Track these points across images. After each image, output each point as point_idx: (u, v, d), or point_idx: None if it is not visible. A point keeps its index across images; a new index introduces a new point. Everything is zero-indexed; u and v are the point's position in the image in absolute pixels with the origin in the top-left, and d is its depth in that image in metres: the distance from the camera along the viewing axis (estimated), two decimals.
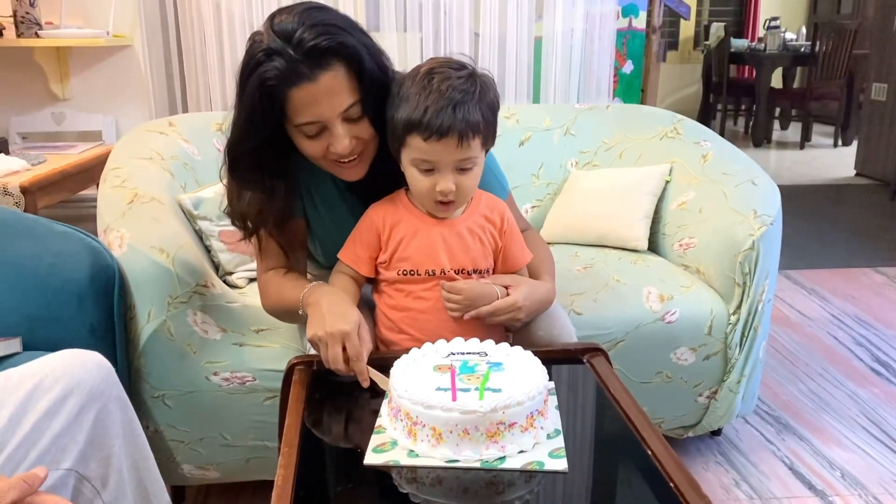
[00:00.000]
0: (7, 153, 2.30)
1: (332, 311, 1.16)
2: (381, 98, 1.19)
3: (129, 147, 1.85)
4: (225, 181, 1.29)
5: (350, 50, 1.13)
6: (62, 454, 1.03)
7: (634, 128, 2.25)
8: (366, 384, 1.11)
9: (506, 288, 1.25)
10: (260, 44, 1.12)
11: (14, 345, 1.35)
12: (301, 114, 1.14)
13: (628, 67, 3.77)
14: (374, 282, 1.31)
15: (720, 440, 2.00)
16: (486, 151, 1.22)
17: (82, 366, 1.07)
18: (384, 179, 1.27)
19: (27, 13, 2.57)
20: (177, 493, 1.70)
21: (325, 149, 1.18)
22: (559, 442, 0.99)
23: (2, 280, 1.42)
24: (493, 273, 1.30)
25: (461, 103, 1.13)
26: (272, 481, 0.92)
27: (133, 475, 1.12)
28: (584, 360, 1.24)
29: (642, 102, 3.71)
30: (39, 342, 1.38)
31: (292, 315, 1.30)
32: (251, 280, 1.85)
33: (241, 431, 1.56)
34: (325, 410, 1.16)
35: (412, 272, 1.24)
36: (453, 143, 1.13)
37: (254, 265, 1.85)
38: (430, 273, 1.24)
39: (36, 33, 2.56)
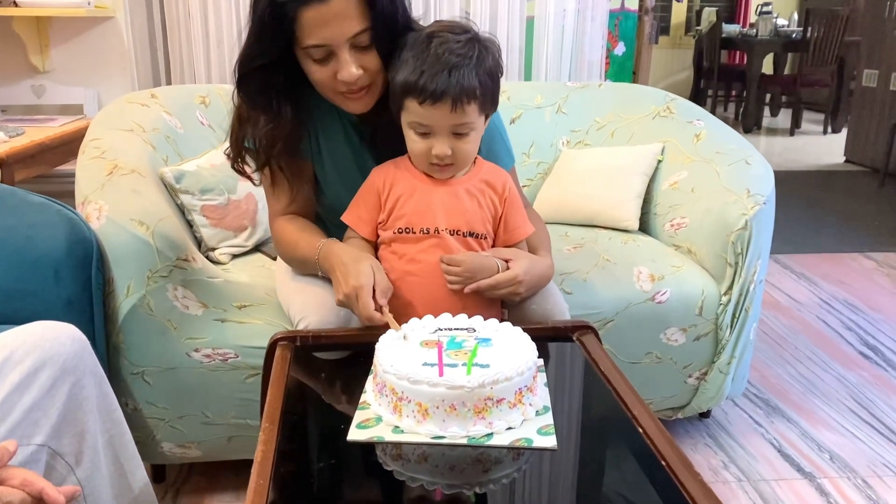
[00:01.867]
0: None
1: (346, 272, 1.17)
2: (392, 33, 1.18)
3: (109, 118, 1.80)
4: (235, 101, 1.28)
5: None
6: (34, 429, 0.99)
7: (627, 107, 2.22)
8: (397, 329, 1.08)
9: (506, 262, 1.23)
10: None
11: None
12: (310, 35, 1.14)
13: (620, 49, 3.74)
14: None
15: (709, 422, 1.99)
16: (487, 117, 1.21)
17: (55, 339, 1.03)
18: (389, 121, 1.25)
19: None
20: (157, 471, 1.67)
21: (333, 76, 1.18)
22: (548, 419, 0.97)
23: None
24: (494, 243, 1.28)
25: (456, 67, 1.12)
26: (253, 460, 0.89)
27: (109, 452, 1.09)
28: (574, 338, 1.22)
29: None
30: (13, 316, 1.34)
31: (305, 265, 1.32)
32: (234, 256, 1.81)
33: (222, 409, 1.52)
34: (308, 387, 1.13)
35: (407, 230, 1.23)
36: (447, 107, 1.13)
37: (238, 240, 1.82)
38: (425, 231, 1.22)
39: (14, 2, 2.49)
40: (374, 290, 1.14)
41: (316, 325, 1.24)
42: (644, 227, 2.03)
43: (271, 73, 1.21)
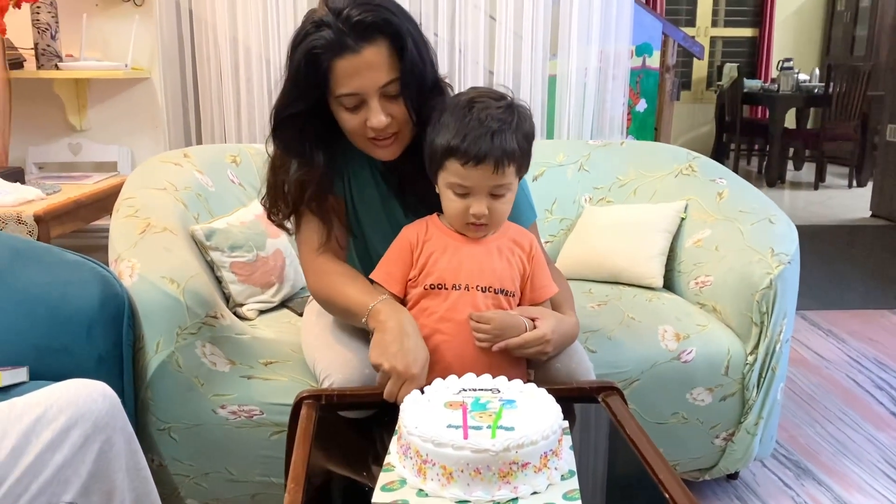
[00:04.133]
0: (23, 182, 2.31)
1: (405, 345, 1.16)
2: (420, 86, 1.25)
3: (143, 177, 1.85)
4: (270, 150, 1.34)
5: (393, 28, 1.21)
6: (64, 487, 1.01)
7: (649, 165, 2.24)
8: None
9: (533, 320, 1.24)
10: (311, 17, 1.21)
11: (21, 374, 1.34)
12: (343, 84, 1.21)
13: (642, 106, 3.78)
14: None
15: (737, 484, 1.95)
16: (520, 178, 1.26)
17: (87, 396, 1.06)
18: (415, 170, 1.30)
19: (48, 45, 2.61)
20: None
21: (363, 123, 1.24)
22: (573, 483, 0.96)
23: (11, 308, 1.41)
24: (521, 301, 1.29)
25: (499, 132, 1.17)
26: None
27: None
28: (600, 399, 1.21)
29: (656, 141, 3.71)
30: (46, 371, 1.37)
31: (347, 316, 1.30)
32: (261, 312, 1.84)
33: (247, 467, 1.53)
34: (333, 446, 1.14)
35: (439, 286, 1.25)
36: (489, 169, 1.17)
37: (265, 296, 1.84)
38: (456, 287, 1.24)
39: (56, 65, 2.60)
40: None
41: (341, 384, 1.25)
42: (668, 284, 2.03)
43: (305, 121, 1.28)
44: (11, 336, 1.40)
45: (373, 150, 1.29)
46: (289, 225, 1.41)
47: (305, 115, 1.26)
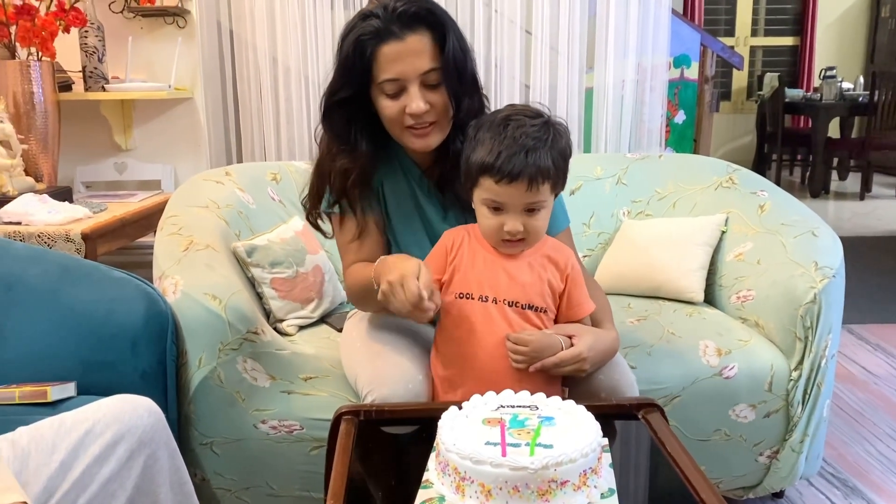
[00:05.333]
0: (71, 201, 2.38)
1: (393, 265, 1.20)
2: (460, 79, 1.31)
3: (185, 195, 1.89)
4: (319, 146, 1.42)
5: (437, 19, 1.29)
6: (110, 501, 1.03)
7: (688, 177, 2.22)
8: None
9: (570, 338, 1.24)
10: (360, 11, 1.31)
11: (69, 389, 1.37)
12: (385, 69, 1.28)
13: (680, 118, 3.75)
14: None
15: (782, 503, 1.90)
16: (556, 195, 1.26)
17: (133, 412, 1.08)
18: (451, 173, 1.35)
19: (95, 68, 2.69)
20: None
21: (402, 111, 1.30)
22: (613, 502, 0.95)
23: (59, 325, 1.45)
24: (557, 318, 1.29)
25: (533, 150, 1.18)
26: None
27: None
28: (640, 416, 1.20)
29: (695, 153, 3.68)
30: (93, 386, 1.40)
31: (370, 295, 1.28)
32: (301, 327, 1.86)
33: (287, 481, 1.54)
34: (372, 461, 1.14)
35: (467, 295, 1.26)
36: (523, 186, 1.18)
37: (304, 312, 1.87)
38: (484, 299, 1.25)
39: (103, 87, 2.68)
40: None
41: (383, 399, 1.26)
42: (709, 299, 2.00)
43: (352, 109, 1.34)
44: (60, 352, 1.44)
45: (410, 139, 1.34)
46: (323, 226, 1.47)
47: (352, 102, 1.33)
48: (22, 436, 1.02)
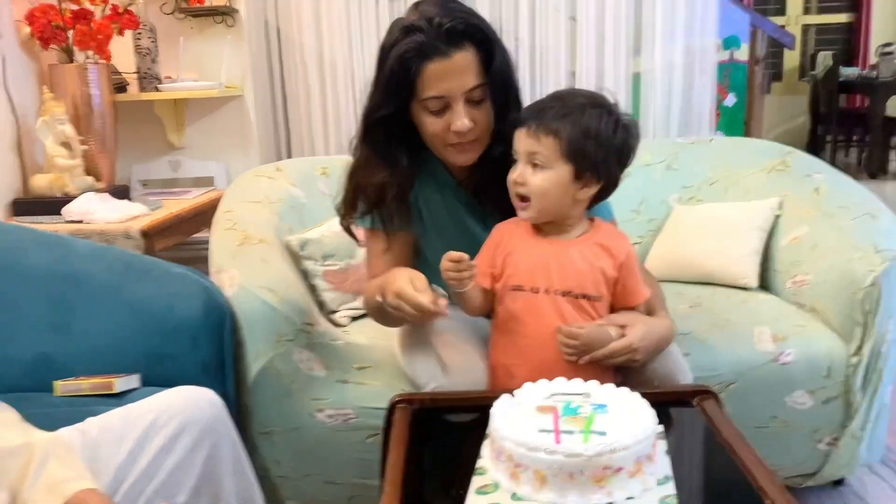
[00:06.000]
0: (129, 199, 2.45)
1: (386, 283, 1.25)
2: (505, 94, 1.30)
3: (239, 191, 1.94)
4: (353, 156, 1.40)
5: (483, 35, 1.26)
6: (176, 489, 1.07)
7: (740, 161, 2.18)
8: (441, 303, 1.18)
9: (622, 328, 1.23)
10: (399, 24, 1.27)
11: (133, 380, 1.43)
12: (430, 87, 1.25)
13: (731, 100, 3.68)
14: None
15: (843, 491, 1.86)
16: (576, 171, 1.22)
17: (195, 403, 1.12)
18: (489, 181, 1.35)
19: (149, 69, 2.77)
20: None
21: (446, 128, 1.28)
22: (670, 489, 0.95)
23: (123, 319, 1.50)
24: (611, 305, 1.28)
25: (550, 108, 1.21)
26: None
27: None
28: (694, 403, 1.19)
29: (746, 135, 3.60)
30: (156, 378, 1.45)
31: (386, 314, 1.32)
32: (354, 318, 1.89)
33: (343, 469, 1.57)
34: (427, 449, 1.16)
35: (518, 287, 1.27)
36: (524, 131, 1.21)
37: (356, 303, 1.89)
38: (535, 290, 1.25)
39: (156, 87, 2.75)
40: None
41: (445, 388, 1.27)
42: (764, 284, 1.97)
43: (393, 125, 1.32)
44: (124, 345, 1.49)
45: (452, 155, 1.33)
46: (356, 232, 1.46)
47: (393, 118, 1.31)
48: (92, 426, 1.06)
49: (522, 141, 1.22)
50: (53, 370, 1.44)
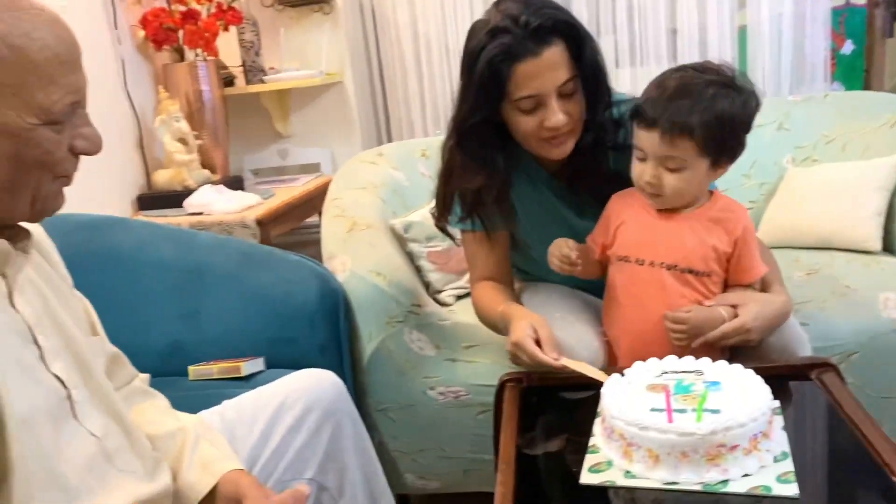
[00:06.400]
0: (243, 189, 2.58)
1: (513, 326, 1.25)
2: (596, 80, 1.28)
3: (345, 178, 2.01)
4: (444, 161, 1.39)
5: (570, 28, 1.23)
6: (304, 466, 1.14)
7: (858, 117, 2.05)
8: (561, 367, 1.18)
9: (734, 307, 1.20)
10: (484, 26, 1.24)
11: (259, 364, 1.52)
12: (521, 88, 1.23)
13: (848, 48, 3.44)
14: None
15: None
16: (712, 161, 1.19)
17: (318, 384, 1.18)
18: (584, 169, 1.33)
19: (253, 62, 2.88)
20: (401, 501, 1.79)
21: (539, 125, 1.26)
22: (788, 465, 0.93)
23: (245, 306, 1.60)
24: (724, 281, 1.26)
25: (679, 100, 1.14)
26: (490, 493, 0.96)
27: (365, 486, 1.21)
28: (813, 377, 1.16)
29: (866, 85, 3.37)
30: (278, 360, 1.54)
31: (498, 328, 1.38)
32: (459, 297, 1.93)
33: (457, 444, 1.62)
34: (539, 426, 1.19)
35: (625, 258, 1.26)
36: (657, 135, 1.15)
37: (461, 282, 1.93)
38: (640, 262, 1.24)
39: (261, 79, 2.86)
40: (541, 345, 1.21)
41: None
42: (888, 247, 1.86)
43: (485, 128, 1.31)
44: (248, 330, 1.59)
45: (546, 150, 1.31)
46: (452, 232, 1.48)
47: (485, 123, 1.30)
48: (228, 409, 1.15)
49: (654, 144, 1.16)
50: (185, 356, 1.56)
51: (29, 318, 0.86)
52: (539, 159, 1.38)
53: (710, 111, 1.14)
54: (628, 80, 2.97)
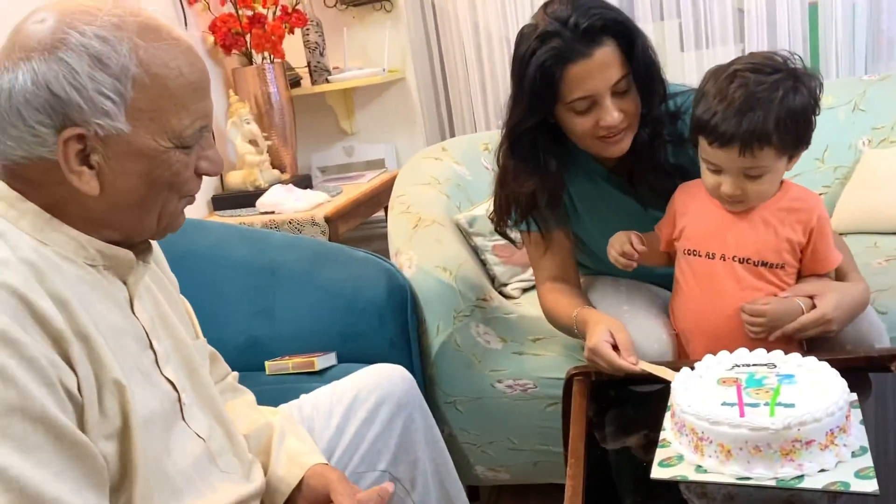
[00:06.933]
0: (311, 187, 2.64)
1: (590, 331, 1.25)
2: (650, 74, 1.26)
3: (409, 175, 2.04)
4: (499, 166, 1.40)
5: (621, 26, 1.22)
6: (377, 458, 1.17)
7: None
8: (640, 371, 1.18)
9: (811, 298, 1.18)
10: (533, 31, 1.23)
11: (331, 358, 1.57)
12: (575, 89, 1.22)
13: None
14: None
15: None
16: (790, 157, 1.17)
17: (390, 379, 1.22)
18: (642, 163, 1.32)
19: (318, 62, 2.94)
20: (471, 492, 1.82)
21: (594, 124, 1.25)
22: (867, 461, 0.92)
23: (317, 302, 1.65)
24: (798, 273, 1.23)
25: (751, 110, 1.11)
26: (560, 484, 0.97)
27: (436, 478, 1.24)
28: (893, 369, 1.13)
29: None
30: (350, 355, 1.59)
31: (570, 332, 1.39)
32: (524, 290, 1.94)
33: (526, 436, 1.63)
34: (608, 420, 1.19)
35: (694, 252, 1.25)
36: (735, 151, 1.13)
37: (526, 275, 1.94)
38: (710, 256, 1.23)
39: (326, 79, 2.92)
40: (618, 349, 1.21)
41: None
42: None
43: (538, 132, 1.31)
44: (320, 326, 1.64)
45: (603, 148, 1.30)
46: (513, 235, 1.48)
47: (537, 126, 1.30)
48: (305, 402, 1.19)
49: (732, 159, 1.14)
50: (262, 351, 1.62)
51: (146, 323, 0.91)
52: (597, 157, 1.38)
53: (784, 112, 1.11)
54: (694, 63, 2.90)
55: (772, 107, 1.11)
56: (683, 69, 2.88)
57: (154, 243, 1.01)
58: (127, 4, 0.84)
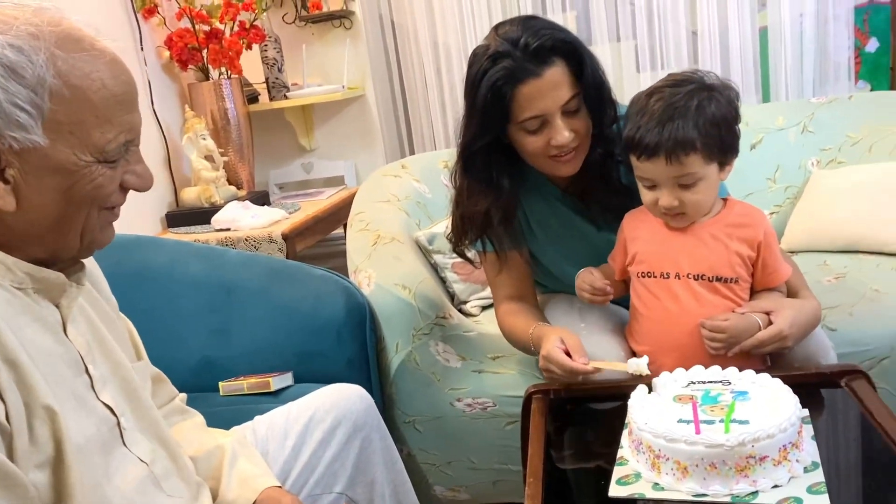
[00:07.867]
0: (269, 204, 2.62)
1: (542, 345, 1.26)
2: (600, 96, 1.29)
3: (369, 192, 2.03)
4: (455, 186, 1.42)
5: (570, 47, 1.24)
6: (334, 479, 1.15)
7: (884, 117, 2.03)
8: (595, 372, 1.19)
9: (767, 314, 1.20)
10: (484, 52, 1.25)
11: (287, 378, 1.54)
12: (526, 109, 1.24)
13: (872, 45, 3.39)
14: None
15: None
16: (719, 164, 1.20)
17: (347, 399, 1.20)
18: (594, 183, 1.34)
19: (276, 78, 2.92)
20: None
21: (546, 144, 1.27)
22: (818, 476, 0.93)
23: (274, 321, 1.62)
24: (751, 287, 1.25)
25: (671, 120, 1.14)
26: (519, 503, 0.96)
27: (394, 499, 1.23)
28: (843, 385, 1.15)
29: (893, 83, 3.32)
30: (306, 375, 1.56)
31: (528, 349, 1.39)
32: (484, 308, 1.93)
33: (485, 455, 1.63)
34: (566, 438, 1.19)
35: (648, 274, 1.26)
36: (662, 161, 1.15)
37: (486, 293, 1.94)
38: (665, 276, 1.24)
39: (285, 95, 2.90)
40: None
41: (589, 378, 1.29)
42: None
43: (490, 152, 1.33)
44: (276, 345, 1.61)
45: (555, 168, 1.31)
46: (471, 255, 1.49)
47: (490, 146, 1.31)
48: (260, 424, 1.17)
49: (661, 170, 1.16)
50: (216, 371, 1.59)
51: (81, 347, 0.87)
52: (551, 177, 1.39)
53: (701, 119, 1.15)
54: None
55: (689, 114, 1.14)
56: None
57: (91, 262, 0.98)
58: (48, 15, 0.80)
